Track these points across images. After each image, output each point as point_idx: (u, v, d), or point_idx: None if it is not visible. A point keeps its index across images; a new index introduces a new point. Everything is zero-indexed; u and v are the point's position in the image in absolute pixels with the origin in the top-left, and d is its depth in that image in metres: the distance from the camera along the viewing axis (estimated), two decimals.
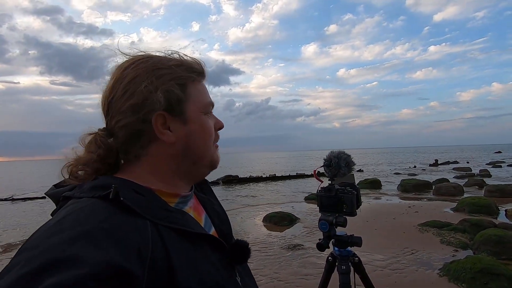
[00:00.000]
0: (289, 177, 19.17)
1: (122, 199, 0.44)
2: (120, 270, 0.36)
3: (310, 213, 7.75)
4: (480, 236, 4.57)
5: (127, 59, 0.56)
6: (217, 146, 0.63)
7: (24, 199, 13.38)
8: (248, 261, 0.60)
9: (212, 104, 0.61)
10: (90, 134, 0.55)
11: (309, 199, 9.93)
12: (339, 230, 1.29)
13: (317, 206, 1.32)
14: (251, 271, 0.65)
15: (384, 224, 6.08)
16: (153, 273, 0.41)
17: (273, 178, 19.03)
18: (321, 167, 1.29)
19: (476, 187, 11.70)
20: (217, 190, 13.72)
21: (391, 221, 6.36)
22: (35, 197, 13.49)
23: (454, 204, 7.67)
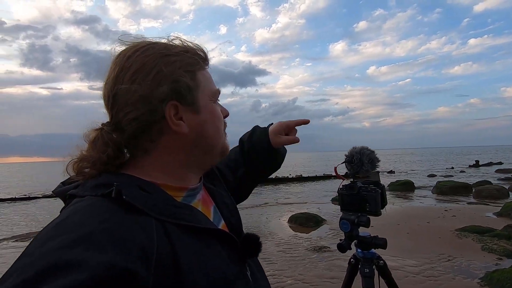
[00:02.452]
0: (316, 178, 18.82)
1: (124, 197, 0.42)
2: (123, 271, 0.35)
3: (336, 214, 7.51)
4: None
5: (127, 46, 0.53)
6: (226, 134, 0.61)
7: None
8: (273, 261, 0.57)
9: (219, 92, 0.59)
10: (96, 130, 0.52)
11: (335, 200, 9.71)
12: (363, 231, 1.21)
13: (338, 204, 1.25)
14: (276, 271, 0.62)
15: (417, 228, 5.74)
16: (160, 273, 0.39)
17: (300, 178, 18.78)
18: (342, 163, 1.22)
19: None
20: None
21: (425, 225, 6.00)
22: None
23: (498, 209, 7.10)
